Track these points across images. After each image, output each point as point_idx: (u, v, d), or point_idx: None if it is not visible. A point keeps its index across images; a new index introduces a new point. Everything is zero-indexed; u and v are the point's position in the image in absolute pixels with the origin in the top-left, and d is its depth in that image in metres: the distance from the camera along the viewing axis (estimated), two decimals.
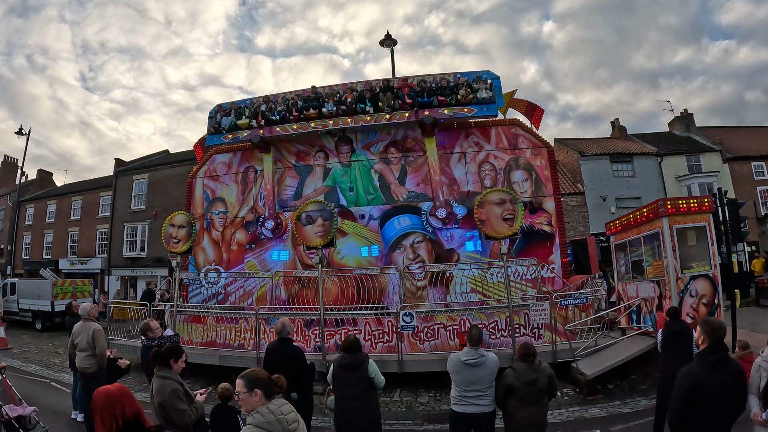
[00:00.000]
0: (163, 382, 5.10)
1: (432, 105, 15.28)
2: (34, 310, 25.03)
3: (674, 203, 11.41)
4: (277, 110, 16.58)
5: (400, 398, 10.97)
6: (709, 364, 4.38)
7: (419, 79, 15.90)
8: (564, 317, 12.12)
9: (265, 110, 16.70)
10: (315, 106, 16.07)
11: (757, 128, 38.16)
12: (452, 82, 15.58)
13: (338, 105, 15.90)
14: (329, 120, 15.95)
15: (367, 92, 15.97)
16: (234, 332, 13.55)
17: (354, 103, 15.81)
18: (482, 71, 15.82)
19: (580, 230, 28.20)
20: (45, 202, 41.86)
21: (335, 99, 16.05)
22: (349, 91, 16.14)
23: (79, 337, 9.06)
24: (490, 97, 15.09)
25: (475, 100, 15.11)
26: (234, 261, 17.03)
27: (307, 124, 16.10)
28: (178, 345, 5.60)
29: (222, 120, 17.23)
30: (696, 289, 10.94)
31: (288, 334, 7.25)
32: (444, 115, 15.22)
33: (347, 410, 6.14)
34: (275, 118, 16.49)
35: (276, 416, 3.56)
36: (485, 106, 15.11)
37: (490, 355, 5.92)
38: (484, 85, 15.28)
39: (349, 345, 6.38)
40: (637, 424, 8.53)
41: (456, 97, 15.20)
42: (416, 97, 15.37)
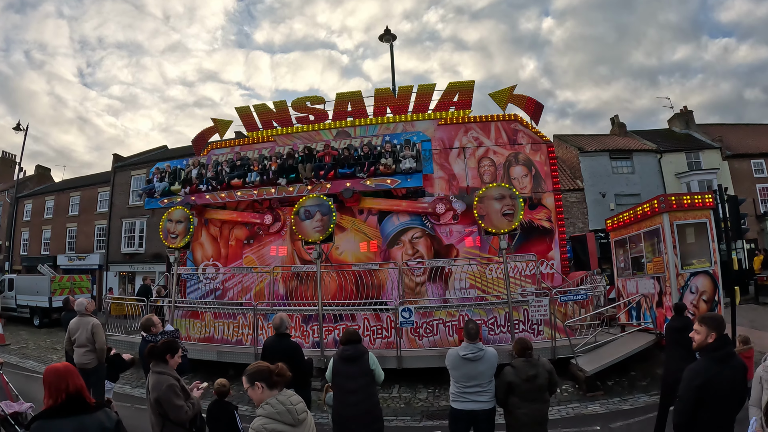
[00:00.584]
0: (159, 378, 5.09)
1: (354, 175, 15.08)
2: (32, 306, 25.05)
3: (675, 199, 11.39)
4: (207, 177, 16.65)
5: (398, 394, 10.93)
6: (717, 360, 4.28)
7: (346, 146, 15.58)
8: (563, 313, 12.06)
9: (194, 177, 16.83)
10: (239, 176, 16.14)
11: (756, 126, 38.16)
12: (379, 146, 15.14)
13: (261, 174, 15.91)
14: (254, 189, 16.03)
15: (289, 159, 15.78)
16: (232, 328, 13.51)
17: (276, 173, 15.76)
18: (412, 133, 15.50)
19: (579, 227, 28.16)
20: (43, 198, 41.77)
21: (260, 167, 16.05)
22: (274, 158, 16.07)
23: (77, 333, 8.94)
24: (413, 167, 14.59)
25: (398, 170, 14.71)
26: (232, 257, 16.99)
27: (233, 193, 16.26)
28: (173, 340, 5.54)
29: (156, 185, 17.42)
30: (696, 285, 10.91)
31: (286, 329, 7.24)
32: (365, 186, 15.03)
33: (348, 405, 6.02)
34: (203, 187, 16.64)
35: (285, 406, 3.58)
36: (409, 176, 14.71)
37: (489, 350, 5.85)
38: (410, 152, 14.79)
39: (349, 337, 6.30)
40: (637, 421, 8.46)
41: (378, 167, 14.79)
42: (337, 167, 15.24)
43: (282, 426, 3.53)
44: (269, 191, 15.82)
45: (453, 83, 16.26)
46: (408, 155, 14.67)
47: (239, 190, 16.10)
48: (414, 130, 15.64)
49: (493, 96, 16.11)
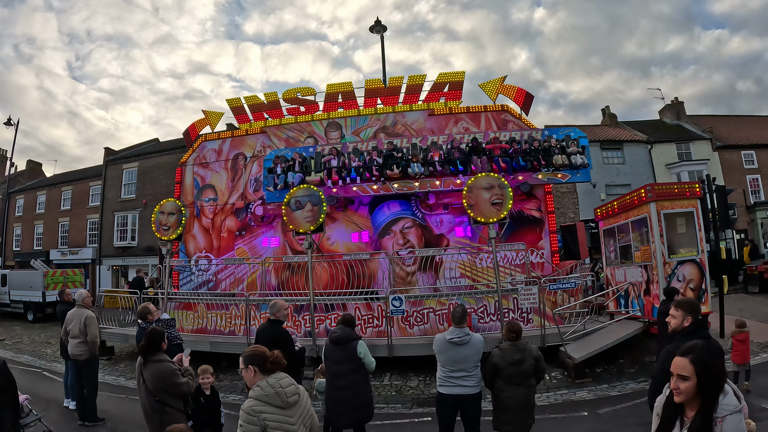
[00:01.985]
0: (158, 366, 5.33)
1: (525, 169, 14.84)
2: (25, 301, 24.86)
3: (662, 188, 11.49)
4: (353, 166, 15.39)
5: (389, 382, 11.01)
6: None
7: (509, 138, 15.17)
8: (553, 302, 12.16)
9: (337, 165, 15.50)
10: (399, 165, 15.02)
11: (747, 117, 38.33)
12: (539, 140, 15.06)
13: (425, 165, 14.94)
14: (415, 182, 15.07)
15: (455, 151, 14.96)
16: (225, 318, 13.54)
17: (442, 164, 14.91)
18: (568, 128, 15.63)
19: (570, 216, 28.25)
20: (35, 193, 41.55)
21: (421, 158, 14.99)
22: (433, 148, 15.17)
23: (71, 324, 9.01)
24: (583, 162, 14.74)
25: (569, 166, 14.83)
26: (224, 248, 17.08)
27: (389, 185, 15.14)
28: (154, 329, 5.67)
29: (291, 176, 15.65)
30: (683, 274, 11.01)
31: (282, 317, 7.26)
32: (539, 180, 14.97)
33: (336, 388, 6.17)
34: (350, 177, 15.35)
35: (274, 389, 3.65)
36: (578, 171, 14.82)
37: (476, 335, 5.92)
38: (575, 146, 14.89)
39: (342, 319, 6.48)
40: (624, 407, 8.55)
41: (551, 161, 14.81)
42: (511, 162, 14.86)
43: (270, 408, 3.60)
44: (434, 183, 15.14)
45: (443, 74, 16.33)
46: (575, 151, 14.80)
47: (396, 182, 15.17)
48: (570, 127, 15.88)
49: (483, 86, 16.19)
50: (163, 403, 5.24)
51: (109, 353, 14.62)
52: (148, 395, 5.28)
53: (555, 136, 15.11)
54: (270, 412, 3.59)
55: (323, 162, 15.61)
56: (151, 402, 5.26)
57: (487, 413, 6.06)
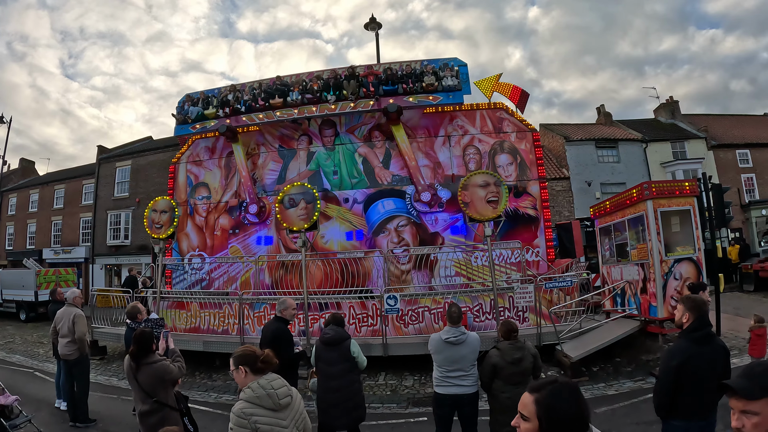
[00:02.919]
0: (152, 368, 5.27)
1: (397, 93, 15.02)
2: (17, 300, 24.78)
3: (658, 186, 11.38)
4: (243, 99, 16.30)
5: (385, 381, 10.93)
6: (695, 340, 4.29)
7: (385, 67, 15.66)
8: (549, 300, 12.09)
9: (231, 99, 16.43)
10: (281, 94, 15.82)
11: (741, 116, 38.42)
12: (418, 69, 15.33)
13: (303, 93, 15.62)
14: (294, 109, 15.68)
15: (331, 80, 15.67)
16: (218, 318, 13.41)
17: (319, 91, 15.56)
18: (449, 58, 15.66)
19: (565, 215, 28.23)
20: (27, 192, 41.31)
21: (301, 87, 15.77)
22: (315, 79, 15.90)
23: (61, 323, 8.94)
24: (455, 84, 14.83)
25: (440, 88, 14.85)
26: (218, 246, 16.95)
27: (272, 113, 15.88)
28: (143, 331, 5.58)
29: (189, 110, 16.95)
30: (680, 272, 10.92)
31: (282, 312, 7.12)
32: (408, 102, 15.01)
33: (330, 390, 6.03)
34: (241, 108, 16.21)
35: (266, 390, 3.58)
36: (450, 93, 14.85)
37: (472, 334, 5.84)
38: (450, 72, 15.01)
39: (331, 319, 6.36)
40: (622, 406, 8.49)
41: (421, 84, 14.93)
42: (380, 85, 15.10)
43: (261, 410, 3.53)
44: (311, 110, 15.58)
45: None
46: (449, 74, 14.94)
47: (279, 110, 15.79)
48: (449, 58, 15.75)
49: (478, 84, 16.11)
50: (160, 404, 5.20)
51: (101, 353, 14.52)
52: (144, 397, 5.21)
53: (434, 65, 15.40)
54: (261, 415, 3.51)
55: (221, 97, 16.70)
56: (148, 403, 5.19)
57: (483, 413, 5.97)
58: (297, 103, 15.64)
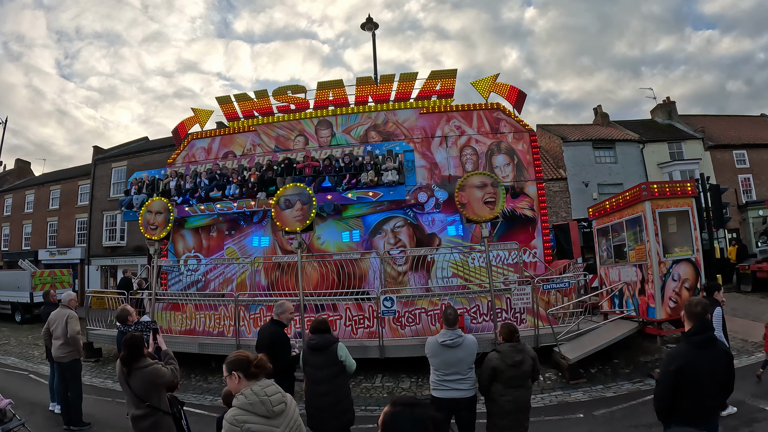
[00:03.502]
0: (144, 372, 5.17)
1: (334, 189, 14.84)
2: (13, 302, 24.67)
3: (657, 187, 11.32)
4: (185, 188, 16.40)
5: (381, 384, 10.82)
6: (695, 344, 4.25)
7: (326, 156, 15.48)
8: (546, 302, 12.04)
9: (173, 187, 16.53)
10: (219, 187, 15.93)
11: (738, 117, 38.43)
12: (360, 157, 15.11)
13: (241, 186, 15.67)
14: (234, 202, 15.75)
15: (268, 171, 15.59)
16: (214, 319, 13.33)
17: (255, 184, 15.53)
18: (394, 143, 15.46)
19: (562, 216, 28.18)
20: (23, 192, 41.08)
21: (239, 179, 15.84)
22: (253, 169, 15.92)
23: (54, 325, 8.85)
24: (396, 180, 14.44)
25: (380, 183, 14.58)
26: (214, 248, 16.85)
27: (213, 206, 15.92)
28: (132, 335, 5.46)
29: (135, 197, 17.02)
30: (678, 273, 10.88)
31: (286, 320, 7.11)
32: (347, 199, 14.83)
33: (317, 395, 5.95)
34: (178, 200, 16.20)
35: (259, 397, 3.50)
36: (391, 189, 14.52)
37: (469, 337, 5.76)
38: (392, 163, 14.65)
39: (317, 325, 6.23)
40: (620, 408, 8.42)
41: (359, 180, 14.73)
42: (318, 180, 14.93)
43: (254, 418, 3.44)
44: (249, 204, 15.64)
45: (435, 71, 16.16)
46: (390, 167, 14.50)
47: (218, 202, 15.87)
48: (396, 141, 15.55)
49: (475, 85, 16.06)
50: (153, 408, 5.12)
51: (96, 355, 14.43)
52: (137, 402, 5.14)
53: (378, 150, 15.17)
54: (254, 422, 3.42)
55: (164, 184, 16.91)
56: (141, 408, 5.12)
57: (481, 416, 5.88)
58: (236, 197, 15.75)
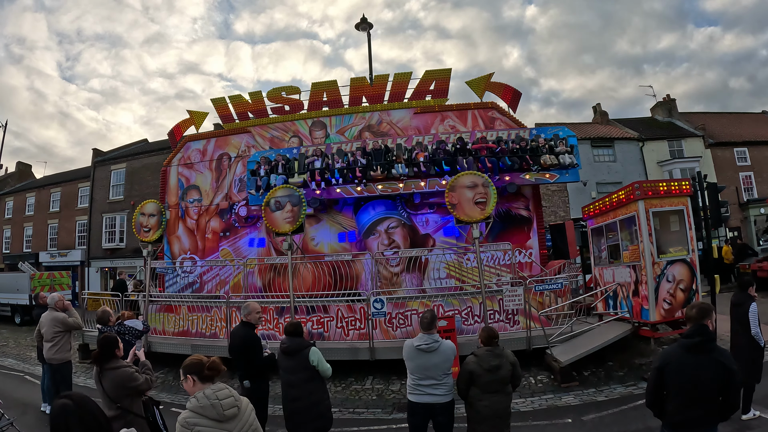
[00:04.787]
0: (116, 373, 5.21)
1: (512, 169, 14.24)
2: (12, 304, 24.76)
3: (650, 186, 11.16)
4: (336, 168, 14.85)
5: (371, 386, 10.76)
6: (685, 347, 4.25)
7: (496, 138, 14.74)
8: (540, 302, 11.91)
9: (320, 166, 14.95)
10: (383, 167, 14.50)
11: (739, 114, 38.30)
12: (528, 138, 14.68)
13: (409, 166, 14.45)
14: (399, 183, 14.56)
15: (440, 152, 14.44)
16: (207, 321, 13.32)
17: (426, 164, 14.39)
18: (558, 127, 15.27)
19: (560, 215, 28.11)
20: (24, 195, 41.32)
21: (405, 159, 14.53)
22: (418, 147, 14.75)
23: (45, 327, 8.93)
24: (572, 162, 14.30)
25: (557, 165, 14.34)
26: (209, 249, 16.85)
27: (373, 186, 14.61)
28: (106, 336, 5.50)
29: (273, 178, 15.07)
30: (673, 274, 10.71)
31: (252, 319, 7.02)
32: (526, 181, 14.40)
33: (291, 398, 5.99)
34: (333, 180, 14.84)
35: (210, 401, 3.51)
36: (567, 171, 14.38)
37: (446, 342, 5.66)
38: (563, 146, 14.44)
39: (288, 329, 6.21)
40: (610, 414, 8.28)
41: (539, 161, 14.30)
42: (497, 162, 14.21)
43: (205, 420, 3.46)
44: (419, 185, 14.55)
45: (429, 71, 16.04)
46: (563, 150, 14.39)
47: (380, 183, 14.62)
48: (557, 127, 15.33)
49: (470, 84, 15.95)
50: (125, 410, 5.12)
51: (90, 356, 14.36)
52: (109, 403, 5.12)
53: (543, 135, 14.74)
54: (205, 425, 3.45)
55: (306, 164, 15.06)
56: (113, 409, 5.10)
57: (461, 419, 5.83)
58: (402, 177, 14.51)
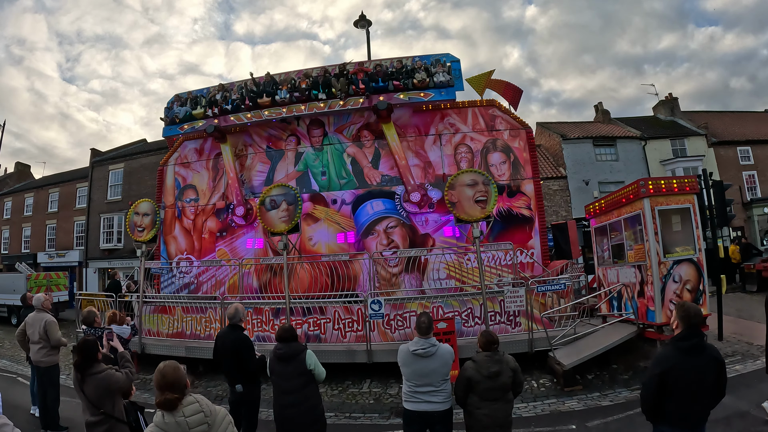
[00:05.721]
0: (97, 378, 5.10)
1: (387, 90, 14.63)
2: (9, 304, 24.53)
3: (656, 183, 10.83)
4: (231, 98, 15.99)
5: (369, 390, 10.48)
6: (682, 350, 4.19)
7: (375, 64, 15.31)
8: (542, 304, 11.62)
9: (219, 99, 16.09)
10: (269, 93, 15.45)
11: (742, 113, 38.03)
12: (409, 65, 14.97)
13: (292, 92, 15.25)
14: (282, 108, 15.29)
15: (320, 78, 15.31)
16: (203, 322, 13.06)
17: (308, 89, 15.17)
18: (441, 54, 15.29)
19: (562, 215, 27.81)
20: (22, 195, 41.10)
21: (289, 86, 15.43)
22: (303, 77, 15.55)
23: (32, 329, 8.71)
24: (447, 80, 14.41)
25: (431, 84, 14.43)
26: (206, 249, 16.61)
27: (261, 113, 15.54)
28: (86, 340, 5.33)
29: (177, 110, 16.69)
30: (680, 274, 10.39)
31: (240, 321, 6.84)
32: (399, 99, 14.56)
33: (285, 405, 5.67)
34: (228, 107, 15.87)
35: (175, 418, 3.28)
36: (442, 90, 14.46)
37: (444, 346, 5.35)
38: (442, 68, 14.65)
39: (282, 333, 5.90)
40: (615, 419, 7.96)
41: (412, 81, 14.51)
42: (370, 82, 14.65)
43: None
44: (299, 108, 15.14)
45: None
46: (441, 70, 14.56)
47: (267, 109, 15.42)
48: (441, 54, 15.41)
49: (470, 81, 15.69)
50: (107, 415, 4.99)
51: None
52: (91, 408, 5.01)
53: (425, 61, 15.07)
54: None
55: (209, 97, 16.39)
56: (96, 415, 4.99)
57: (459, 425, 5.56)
58: (285, 101, 15.24)
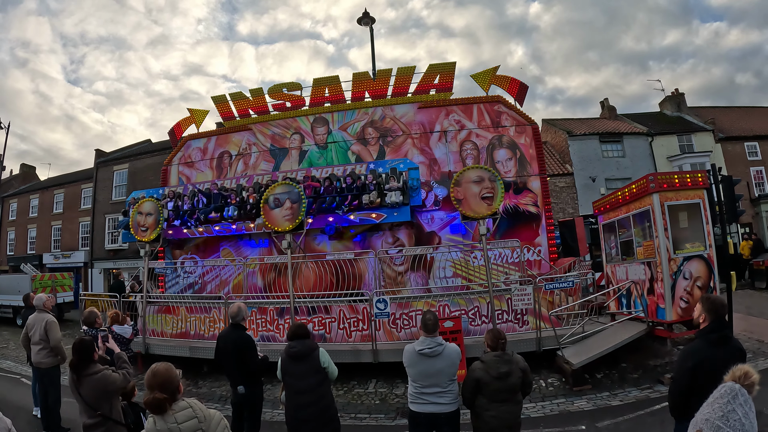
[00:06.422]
0: (94, 379, 5.02)
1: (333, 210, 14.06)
2: (14, 305, 24.46)
3: (665, 178, 10.68)
4: (183, 209, 15.74)
5: (374, 390, 10.36)
6: (711, 342, 4.24)
7: (327, 175, 14.63)
8: (550, 302, 11.46)
9: (171, 209, 15.78)
10: (217, 209, 15.27)
11: (749, 108, 37.62)
12: (362, 176, 14.21)
13: (240, 208, 14.96)
14: (233, 224, 15.11)
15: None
16: (207, 322, 12.95)
17: (253, 207, 14.49)
18: (399, 161, 14.61)
19: (569, 212, 27.62)
20: (28, 197, 41.22)
21: (238, 200, 15.11)
22: (251, 189, 15.15)
23: (33, 330, 8.62)
24: (400, 201, 13.56)
25: (384, 204, 13.72)
26: (210, 250, 16.45)
27: (211, 228, 15.40)
28: (82, 340, 5.24)
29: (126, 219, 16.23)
30: (690, 270, 10.23)
31: (242, 320, 6.73)
32: (350, 221, 14.07)
33: (301, 406, 5.47)
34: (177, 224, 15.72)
35: (168, 425, 3.17)
36: (395, 210, 13.70)
37: (450, 345, 5.22)
38: (396, 183, 13.72)
39: (295, 331, 5.75)
40: (626, 419, 7.80)
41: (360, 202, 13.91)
42: (319, 201, 14.09)
43: None
44: (248, 226, 14.95)
45: (433, 65, 15.67)
46: (394, 187, 13.60)
47: (217, 224, 15.31)
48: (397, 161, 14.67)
49: (475, 77, 15.51)
50: (105, 417, 4.92)
51: None
52: (89, 411, 4.93)
53: (381, 168, 14.33)
54: None
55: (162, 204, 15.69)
56: (93, 417, 4.91)
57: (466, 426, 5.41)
58: (233, 218, 15.08)
